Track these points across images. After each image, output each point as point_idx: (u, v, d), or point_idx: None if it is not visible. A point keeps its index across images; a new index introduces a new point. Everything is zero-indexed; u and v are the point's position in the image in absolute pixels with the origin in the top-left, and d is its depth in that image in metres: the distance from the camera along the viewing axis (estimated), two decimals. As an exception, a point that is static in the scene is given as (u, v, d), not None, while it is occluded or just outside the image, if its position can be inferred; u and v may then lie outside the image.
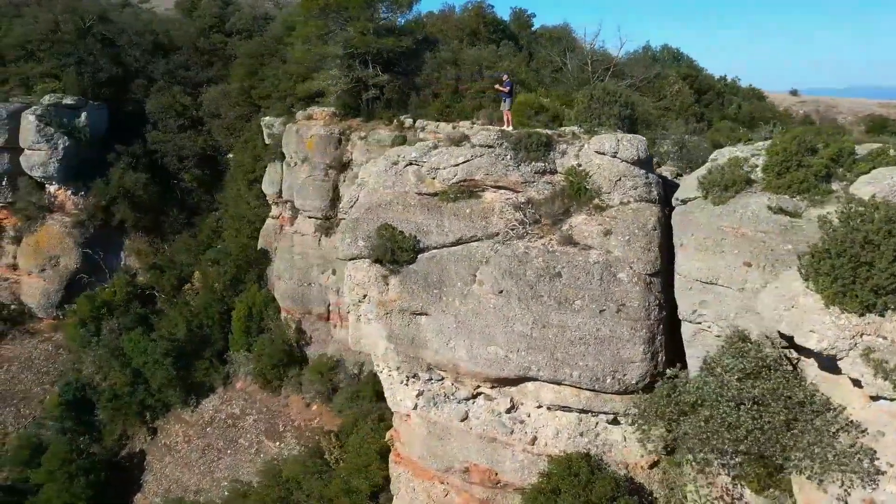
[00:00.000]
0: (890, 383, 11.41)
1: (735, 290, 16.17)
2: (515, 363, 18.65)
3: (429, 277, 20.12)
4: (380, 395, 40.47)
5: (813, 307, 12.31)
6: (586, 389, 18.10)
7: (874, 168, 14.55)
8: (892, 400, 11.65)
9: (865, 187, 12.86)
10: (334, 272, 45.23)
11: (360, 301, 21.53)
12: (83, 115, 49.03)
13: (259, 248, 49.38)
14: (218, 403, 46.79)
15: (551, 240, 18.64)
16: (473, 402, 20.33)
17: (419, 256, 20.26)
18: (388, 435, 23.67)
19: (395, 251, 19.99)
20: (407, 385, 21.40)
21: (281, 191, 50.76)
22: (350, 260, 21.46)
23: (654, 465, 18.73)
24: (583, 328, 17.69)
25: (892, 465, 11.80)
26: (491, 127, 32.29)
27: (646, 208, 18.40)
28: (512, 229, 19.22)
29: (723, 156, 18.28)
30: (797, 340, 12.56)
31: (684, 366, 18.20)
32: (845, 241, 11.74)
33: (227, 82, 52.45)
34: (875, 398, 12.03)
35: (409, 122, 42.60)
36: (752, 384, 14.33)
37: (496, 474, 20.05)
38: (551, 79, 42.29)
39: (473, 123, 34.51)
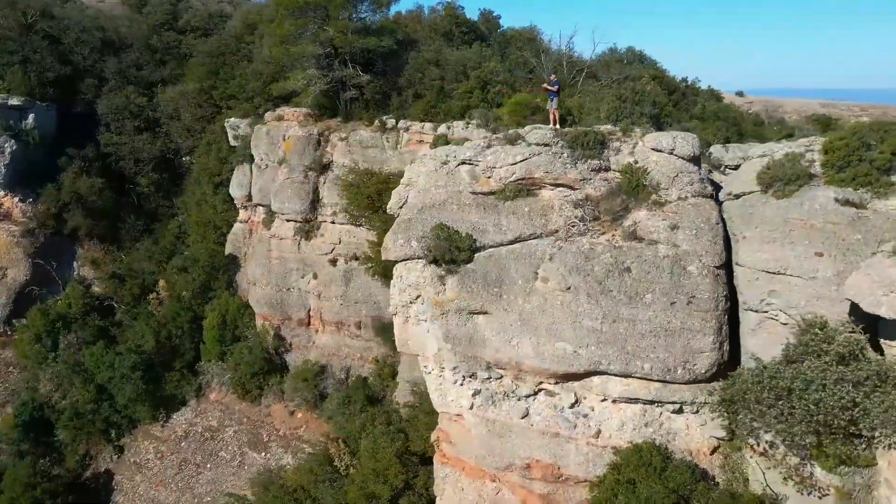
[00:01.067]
0: None
1: (806, 279, 17.13)
2: (585, 358, 18.93)
3: (488, 276, 20.12)
4: (371, 400, 40.08)
5: None
6: (656, 381, 18.61)
7: None
8: None
9: None
10: (315, 276, 44.21)
11: (411, 302, 21.25)
12: (30, 116, 46.16)
13: (227, 253, 47.62)
14: (192, 416, 44.90)
15: (614, 235, 19.07)
16: (534, 399, 20.47)
17: (476, 255, 20.23)
18: (433, 436, 23.43)
19: (452, 251, 19.86)
20: (462, 385, 21.29)
21: (250, 194, 49.21)
22: (402, 261, 21.13)
23: (713, 450, 19.45)
24: (654, 321, 18.19)
25: None
26: (482, 127, 32.82)
27: (704, 203, 19.14)
28: (572, 226, 19.52)
29: (773, 151, 19.27)
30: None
31: (734, 354, 19.08)
32: None
33: (184, 82, 50.43)
34: None
35: (391, 122, 42.25)
36: (846, 368, 15.21)
37: (559, 468, 20.27)
38: (525, 80, 42.90)
39: (468, 123, 34.69)
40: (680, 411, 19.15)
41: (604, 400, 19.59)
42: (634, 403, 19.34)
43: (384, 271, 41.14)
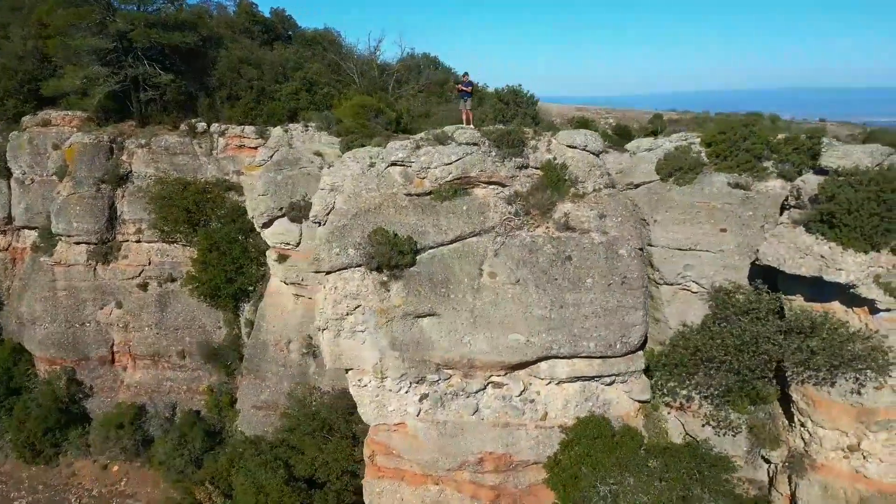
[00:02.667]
0: (893, 298, 16.32)
1: (714, 252, 20.20)
2: (538, 345, 19.81)
3: (434, 277, 19.91)
4: (211, 434, 36.24)
5: (835, 252, 16.66)
6: (598, 357, 20.24)
7: (812, 148, 19.84)
8: (889, 310, 16.63)
9: (841, 160, 17.69)
10: (119, 305, 38.73)
11: (347, 314, 20.03)
12: None
13: (-18, 290, 39.35)
14: (-44, 502, 36.49)
15: (548, 227, 20.23)
16: (483, 393, 20.77)
17: (418, 258, 19.86)
18: (366, 451, 22.24)
19: (395, 255, 19.23)
20: (407, 392, 20.72)
21: (10, 215, 41.28)
22: (336, 272, 19.77)
23: (637, 412, 21.83)
24: (595, 303, 19.76)
25: (898, 356, 16.80)
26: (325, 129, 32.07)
27: (616, 193, 21.28)
28: (509, 222, 20.24)
29: (657, 146, 22.22)
30: (826, 278, 16.77)
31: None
32: (859, 201, 16.24)
33: None
34: (875, 311, 16.93)
35: (201, 126, 38.64)
36: (755, 322, 18.42)
37: (510, 456, 20.87)
38: (335, 81, 42.46)
39: (307, 126, 33.50)
40: (612, 383, 21.09)
41: (549, 383, 20.70)
42: (575, 382, 20.78)
43: (212, 291, 37.45)
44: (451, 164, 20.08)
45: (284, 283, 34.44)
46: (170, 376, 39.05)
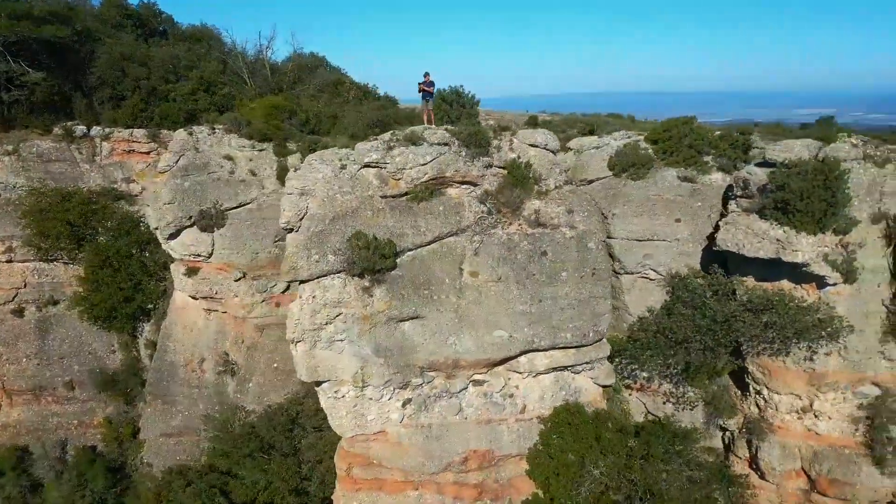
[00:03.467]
0: (839, 273, 18.60)
1: (670, 241, 21.75)
2: (521, 340, 20.12)
3: (416, 280, 19.55)
4: (113, 470, 32.74)
5: (790, 235, 18.62)
6: (573, 347, 20.94)
7: (744, 143, 22.00)
8: (835, 284, 18.91)
9: (784, 153, 19.72)
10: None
11: (325, 324, 19.06)
12: None
13: None
14: None
15: (521, 225, 20.60)
16: (465, 393, 20.69)
17: (398, 261, 19.35)
18: (341, 465, 21.18)
19: (377, 259, 18.62)
20: (390, 399, 20.12)
21: None
22: (315, 279, 18.70)
23: (601, 397, 22.89)
24: (570, 295, 20.45)
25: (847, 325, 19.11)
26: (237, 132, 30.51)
27: (575, 189, 22.15)
28: (482, 220, 20.35)
29: (605, 144, 23.44)
30: (785, 259, 18.68)
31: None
32: (809, 189, 18.28)
33: None
34: (823, 286, 19.16)
35: (80, 129, 34.79)
36: (722, 302, 20.14)
37: (493, 452, 20.99)
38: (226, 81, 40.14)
39: (214, 129, 31.59)
40: (580, 371, 21.92)
41: (526, 377, 21.08)
42: (550, 374, 21.34)
43: (107, 312, 33.74)
44: (426, 164, 19.81)
45: (194, 297, 31.98)
46: (56, 411, 34.60)
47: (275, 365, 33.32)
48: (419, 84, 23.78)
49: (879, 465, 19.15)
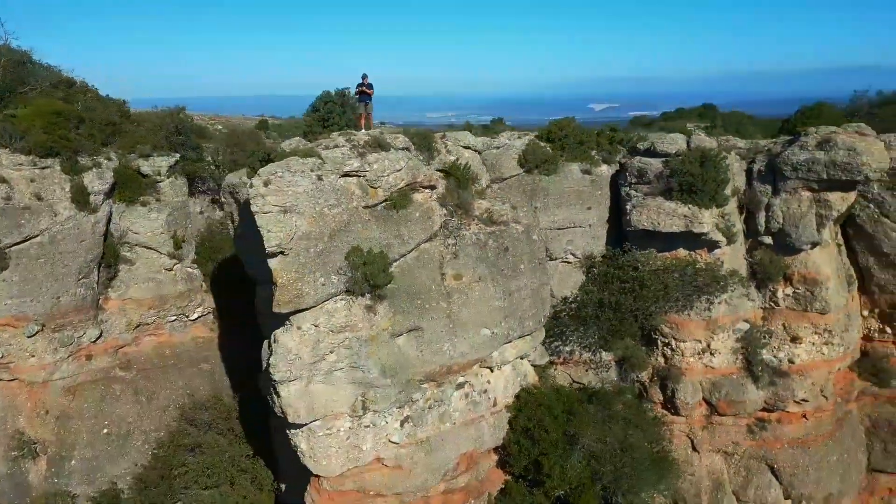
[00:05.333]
0: (725, 238, 23.40)
1: (584, 227, 24.54)
2: (501, 335, 20.75)
3: (409, 290, 18.85)
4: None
5: (696, 212, 22.73)
6: (529, 335, 22.25)
7: (614, 137, 25.66)
8: (721, 246, 23.69)
9: (671, 146, 23.61)
10: None
11: (329, 353, 17.16)
12: None
13: None
14: None
15: (478, 224, 21.13)
16: (452, 398, 20.48)
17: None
18: None
19: (379, 275, 17.48)
20: (387, 422, 18.89)
21: None
22: (317, 306, 16.65)
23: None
24: (528, 286, 21.68)
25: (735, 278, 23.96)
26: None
27: (503, 186, 23.40)
28: (447, 223, 20.38)
29: (502, 144, 25.09)
30: (695, 230, 22.73)
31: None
32: (707, 173, 22.53)
33: None
34: (713, 249, 23.77)
35: None
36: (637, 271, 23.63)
37: (477, 451, 21.26)
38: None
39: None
40: (528, 356, 23.35)
41: (495, 370, 21.73)
42: (508, 364, 22.33)
43: None
44: (401, 170, 19.04)
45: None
46: None
47: (105, 431, 27.91)
48: (357, 86, 22.37)
49: (756, 382, 24.72)
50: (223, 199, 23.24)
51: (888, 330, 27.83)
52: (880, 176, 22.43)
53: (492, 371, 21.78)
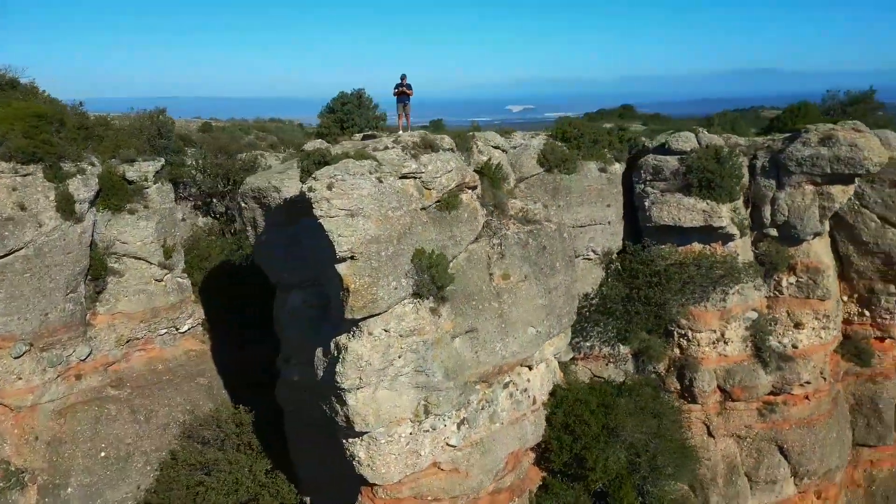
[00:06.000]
0: (739, 231, 24.45)
1: (605, 224, 25.05)
2: (544, 333, 20.93)
3: (465, 291, 18.75)
4: None
5: (714, 207, 23.63)
6: (563, 332, 22.51)
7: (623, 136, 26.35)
8: (736, 238, 24.72)
9: (686, 144, 24.39)
10: None
11: (397, 358, 16.81)
12: None
13: None
14: None
15: (515, 224, 21.22)
16: (499, 398, 20.44)
17: (449, 275, 18.17)
18: None
19: (443, 276, 17.30)
20: (446, 425, 18.68)
21: None
22: (388, 311, 16.27)
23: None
24: (563, 283, 21.95)
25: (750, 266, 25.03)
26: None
27: (529, 185, 23.56)
28: (490, 223, 20.36)
29: (521, 144, 25.30)
30: (714, 224, 23.62)
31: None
32: (725, 170, 23.45)
33: None
34: (727, 242, 24.77)
35: None
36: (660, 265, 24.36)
37: (521, 450, 21.33)
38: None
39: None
40: (558, 353, 23.60)
41: (533, 369, 21.86)
42: (543, 362, 22.50)
43: None
44: (452, 170, 18.85)
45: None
46: None
47: (102, 454, 26.40)
48: (396, 86, 21.88)
49: (765, 368, 25.98)
50: (243, 204, 22.26)
51: (867, 313, 29.80)
52: (880, 169, 24.01)
53: (530, 369, 21.90)
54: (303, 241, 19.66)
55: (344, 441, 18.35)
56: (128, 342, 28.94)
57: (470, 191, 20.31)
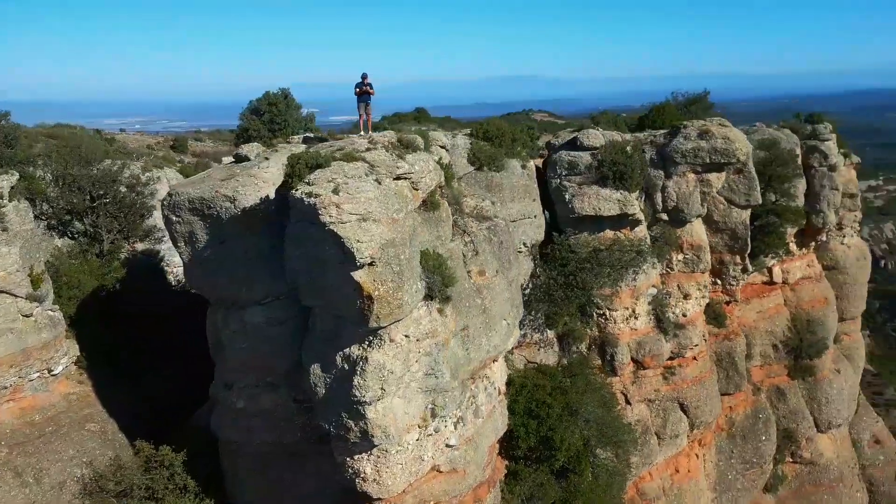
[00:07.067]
0: (644, 217, 27.20)
1: (532, 217, 26.40)
2: (512, 325, 21.57)
3: (457, 289, 18.55)
4: None
5: (627, 196, 26.06)
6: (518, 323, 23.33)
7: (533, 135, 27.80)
8: (642, 223, 27.42)
9: (596, 140, 26.34)
10: None
11: (415, 363, 16.36)
12: None
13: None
14: None
15: (473, 220, 21.57)
16: (479, 393, 20.64)
17: (442, 275, 18.03)
18: None
19: (449, 276, 17.21)
20: (446, 425, 18.52)
21: None
22: (408, 315, 15.74)
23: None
24: (518, 276, 22.83)
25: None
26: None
27: (469, 182, 23.97)
28: (455, 221, 20.50)
29: (448, 144, 25.61)
30: (628, 212, 25.98)
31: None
32: (634, 163, 25.92)
33: None
34: (633, 227, 27.38)
35: None
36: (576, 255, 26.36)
37: (496, 441, 21.75)
38: None
39: None
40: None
41: (497, 361, 22.35)
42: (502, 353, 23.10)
43: None
44: (433, 170, 18.68)
45: None
46: None
47: None
48: (357, 85, 20.57)
49: (665, 336, 29.27)
50: (174, 217, 19.65)
51: (718, 282, 34.89)
52: (746, 158, 28.36)
53: (495, 361, 22.45)
54: (272, 252, 18.14)
55: (348, 459, 17.36)
56: (-5, 393, 24.31)
57: (439, 190, 20.30)
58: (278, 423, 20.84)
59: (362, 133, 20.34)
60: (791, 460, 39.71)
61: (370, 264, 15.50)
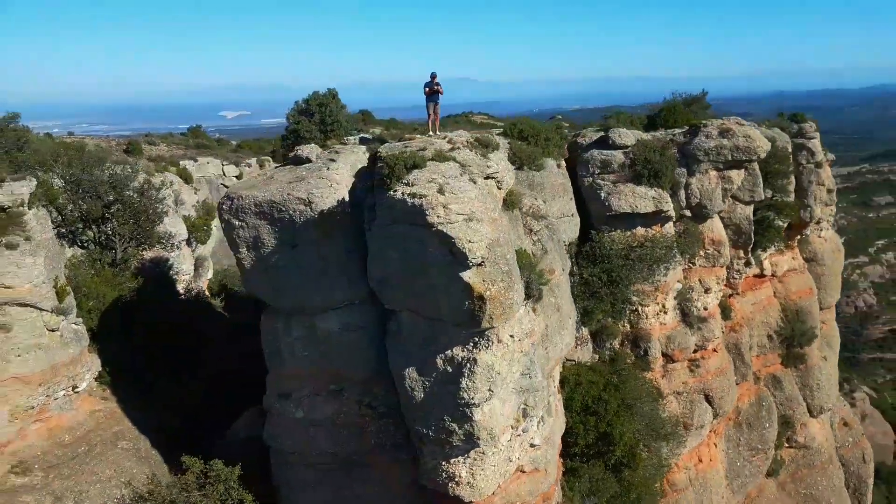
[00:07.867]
0: (674, 213, 27.83)
1: (570, 215, 26.54)
2: (576, 323, 21.71)
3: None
4: None
5: (661, 194, 26.58)
6: (568, 320, 23.51)
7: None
8: (672, 219, 28.02)
9: (628, 139, 26.70)
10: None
11: (515, 363, 16.32)
12: None
13: None
14: None
15: (533, 219, 21.63)
16: (552, 392, 20.69)
17: (523, 273, 18.03)
18: None
19: (543, 276, 17.24)
20: (534, 425, 18.50)
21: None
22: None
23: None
24: (568, 274, 22.99)
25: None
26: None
27: (518, 182, 23.99)
28: (523, 220, 20.54)
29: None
30: (663, 209, 26.51)
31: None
32: (665, 161, 26.45)
33: None
34: (664, 223, 27.95)
35: None
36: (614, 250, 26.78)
37: (559, 438, 21.86)
38: None
39: None
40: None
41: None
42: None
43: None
44: (510, 170, 18.65)
45: None
46: None
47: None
48: (426, 85, 20.16)
49: (691, 329, 30.01)
50: (237, 223, 18.89)
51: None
52: (766, 155, 29.40)
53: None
54: (349, 256, 17.74)
55: (443, 463, 17.12)
56: (24, 413, 23.01)
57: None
58: (340, 432, 20.41)
59: (431, 133, 20.09)
60: (788, 445, 41.32)
61: (479, 265, 15.35)
